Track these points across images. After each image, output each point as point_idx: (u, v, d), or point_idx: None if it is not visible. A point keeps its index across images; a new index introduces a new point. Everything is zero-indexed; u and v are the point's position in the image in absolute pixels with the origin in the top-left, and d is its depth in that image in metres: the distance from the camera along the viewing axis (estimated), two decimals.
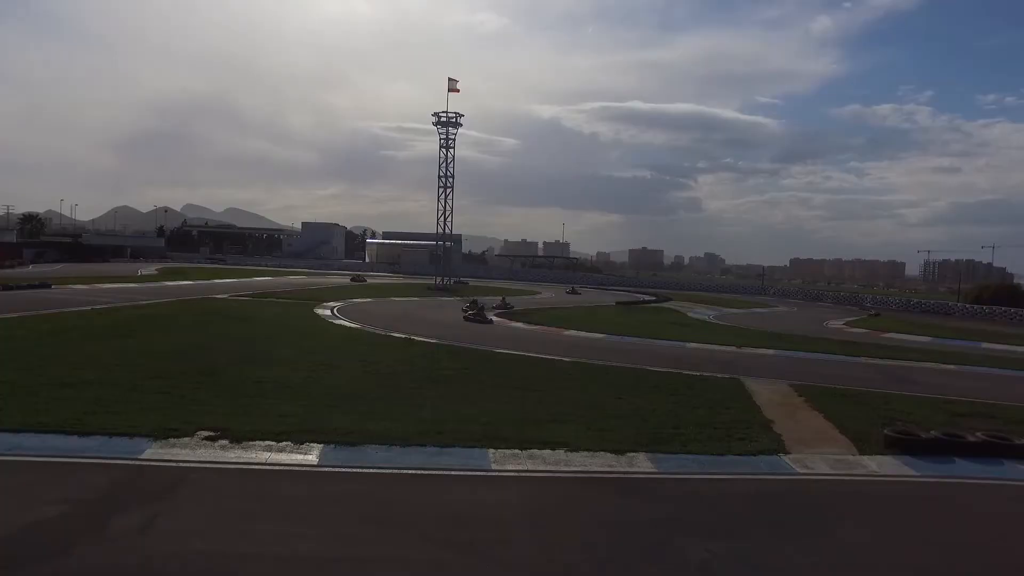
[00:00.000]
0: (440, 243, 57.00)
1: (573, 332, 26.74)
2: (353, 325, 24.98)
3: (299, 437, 9.58)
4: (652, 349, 23.04)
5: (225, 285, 44.54)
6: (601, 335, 26.07)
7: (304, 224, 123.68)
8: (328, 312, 29.39)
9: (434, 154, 54.90)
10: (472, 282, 68.65)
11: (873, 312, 52.37)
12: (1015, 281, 70.02)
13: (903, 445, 10.38)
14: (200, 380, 13.16)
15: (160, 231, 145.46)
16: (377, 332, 23.12)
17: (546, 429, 10.73)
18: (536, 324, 28.60)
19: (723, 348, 23.93)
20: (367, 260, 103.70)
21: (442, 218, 55.65)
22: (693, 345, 24.37)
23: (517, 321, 29.84)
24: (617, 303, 45.71)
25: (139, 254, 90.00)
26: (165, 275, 53.67)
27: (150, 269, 62.34)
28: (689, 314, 41.91)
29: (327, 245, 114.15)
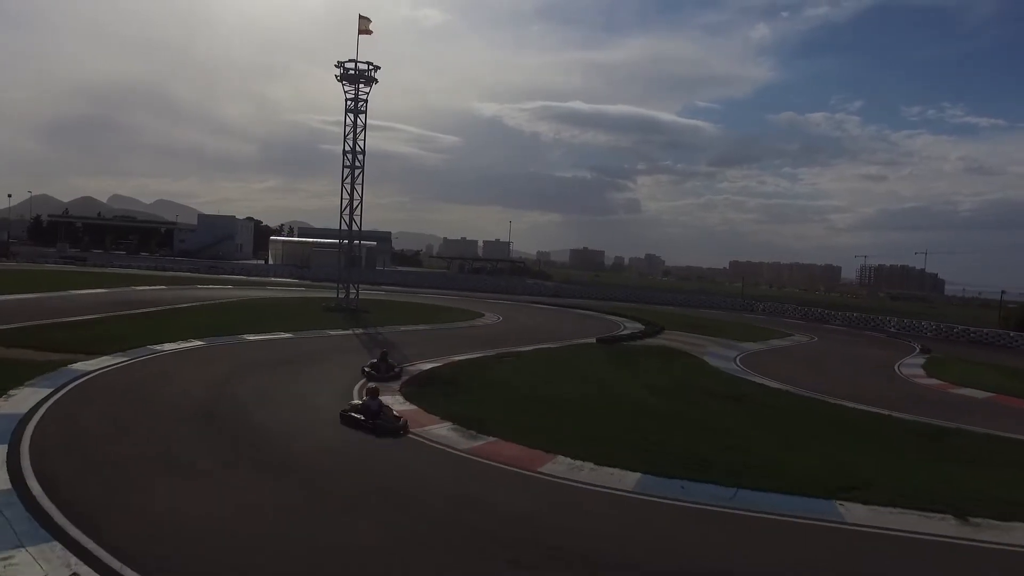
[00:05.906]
0: (345, 243, 41.43)
1: (562, 461, 12.21)
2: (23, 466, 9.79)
3: None
4: (768, 553, 8.91)
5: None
6: (629, 476, 11.63)
7: (200, 216, 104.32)
8: (52, 399, 14.05)
9: (374, 149, 39.18)
10: (390, 295, 53.50)
11: (921, 347, 39.83)
12: None
13: None
14: None
15: (36, 221, 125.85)
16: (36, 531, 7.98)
17: None
18: (480, 433, 13.88)
19: (932, 534, 9.97)
20: (270, 261, 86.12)
21: (348, 210, 39.93)
22: (857, 528, 10.34)
23: (439, 420, 14.95)
24: (599, 340, 31.29)
25: None
26: None
27: None
28: (708, 360, 28.06)
29: (229, 242, 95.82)
